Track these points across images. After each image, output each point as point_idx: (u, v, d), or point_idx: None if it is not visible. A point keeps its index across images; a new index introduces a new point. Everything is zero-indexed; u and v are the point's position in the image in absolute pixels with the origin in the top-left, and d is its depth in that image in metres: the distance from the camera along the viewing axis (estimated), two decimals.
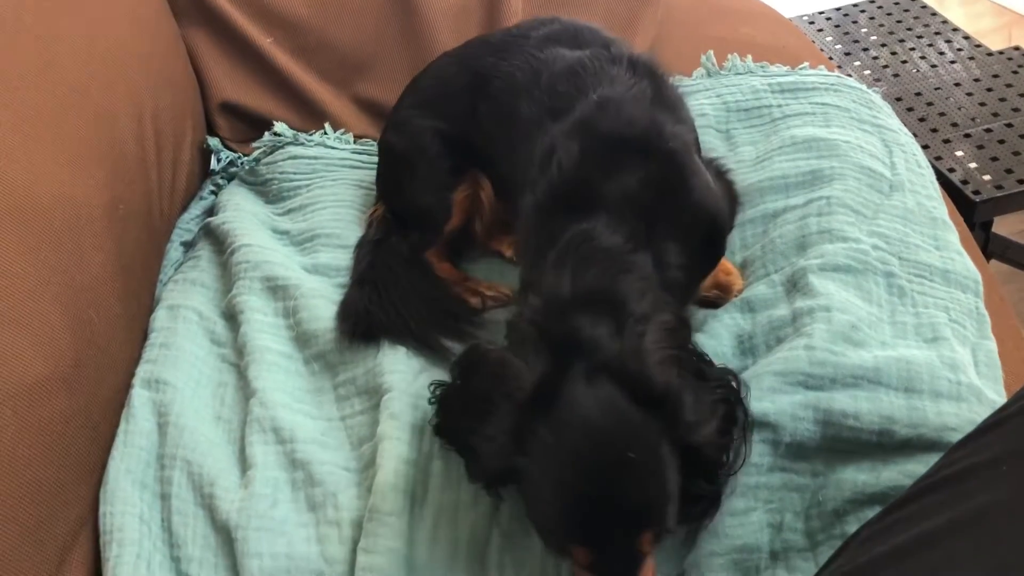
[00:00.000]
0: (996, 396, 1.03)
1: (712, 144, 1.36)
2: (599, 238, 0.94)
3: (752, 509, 0.94)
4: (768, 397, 0.97)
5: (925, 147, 1.69)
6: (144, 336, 1.22)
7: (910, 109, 1.81)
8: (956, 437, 0.95)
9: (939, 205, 1.26)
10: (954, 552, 0.61)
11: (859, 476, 0.94)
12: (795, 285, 1.11)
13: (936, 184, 1.31)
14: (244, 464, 1.05)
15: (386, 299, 1.17)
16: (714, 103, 1.41)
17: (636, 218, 0.97)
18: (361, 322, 1.15)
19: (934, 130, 1.75)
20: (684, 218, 1.01)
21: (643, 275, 0.94)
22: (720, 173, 1.18)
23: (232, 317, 1.22)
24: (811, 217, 1.17)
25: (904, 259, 1.14)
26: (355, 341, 1.14)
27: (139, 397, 1.12)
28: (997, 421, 0.71)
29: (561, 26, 1.23)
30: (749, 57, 1.52)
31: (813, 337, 1.02)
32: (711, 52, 1.52)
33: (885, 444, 0.95)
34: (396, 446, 1.00)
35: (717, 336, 1.09)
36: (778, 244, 1.17)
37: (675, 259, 0.98)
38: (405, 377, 1.08)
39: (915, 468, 0.93)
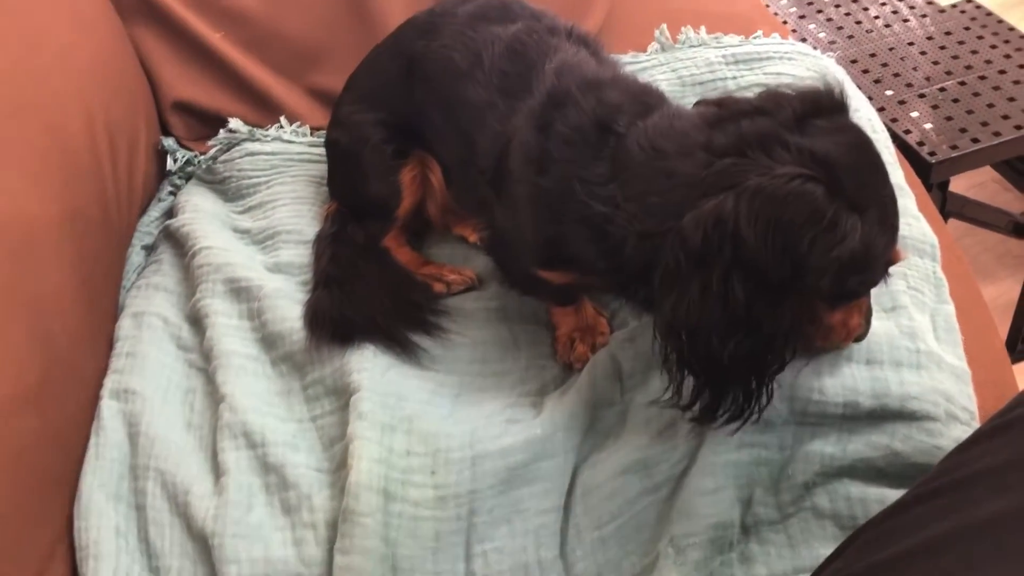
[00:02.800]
0: (956, 360, 1.05)
1: None
2: (658, 121, 0.94)
3: (723, 487, 0.95)
4: None
5: (881, 109, 1.70)
6: (110, 345, 1.21)
7: (865, 71, 1.81)
8: (918, 405, 0.97)
9: (895, 170, 1.27)
10: (971, 555, 0.60)
11: (826, 448, 0.96)
12: None
13: (892, 148, 1.32)
14: (217, 471, 1.05)
15: (353, 297, 1.17)
16: (670, 78, 1.41)
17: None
18: (336, 327, 1.15)
19: (889, 92, 1.76)
20: None
21: None
22: None
23: (197, 321, 1.22)
24: None
25: None
26: (330, 346, 1.14)
27: (108, 408, 1.12)
28: (1001, 425, 0.70)
29: (485, 0, 1.21)
30: (703, 28, 1.52)
31: None
32: (664, 26, 1.51)
33: (849, 416, 0.97)
34: (366, 445, 1.00)
35: None
36: None
37: None
38: (372, 375, 1.08)
39: (880, 439, 0.96)
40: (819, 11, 2.01)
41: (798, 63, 1.41)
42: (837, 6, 2.02)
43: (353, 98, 1.29)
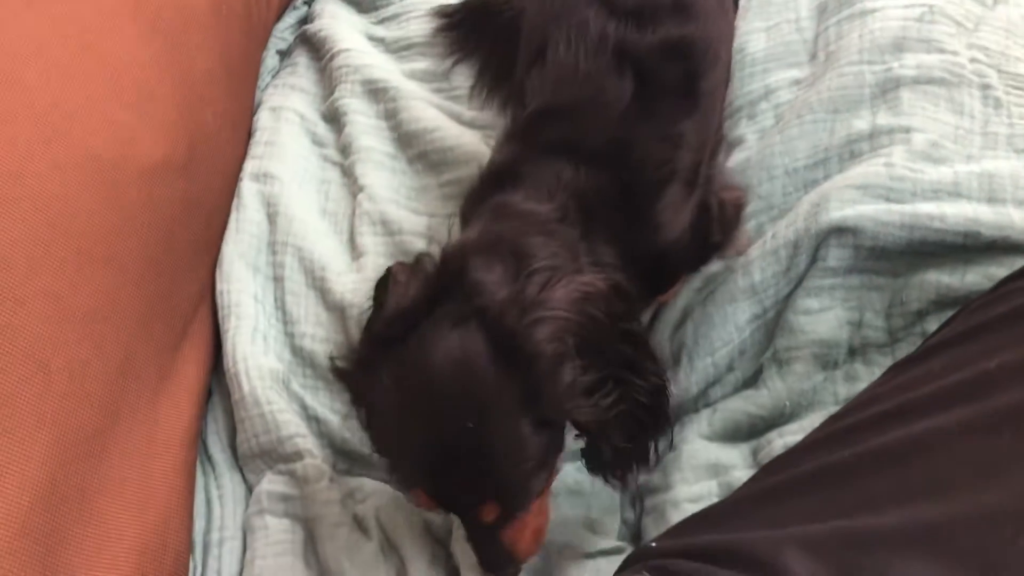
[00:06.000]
0: None
1: None
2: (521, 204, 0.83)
3: (828, 308, 0.96)
4: (849, 206, 0.98)
5: None
6: (248, 135, 1.27)
7: None
8: None
9: None
10: None
11: (942, 278, 0.95)
12: (884, 93, 1.09)
13: None
14: (352, 253, 1.12)
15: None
16: None
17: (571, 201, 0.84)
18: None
19: None
20: (628, 237, 0.86)
21: (566, 242, 0.81)
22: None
23: (334, 119, 1.26)
24: (911, 21, 1.13)
25: (1003, 71, 1.11)
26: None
27: (248, 189, 1.18)
28: None
29: None
30: None
31: (892, 156, 1.02)
32: None
33: (969, 246, 0.96)
34: None
35: (791, 145, 1.09)
36: (878, 36, 1.13)
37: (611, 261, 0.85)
38: None
39: (998, 271, 0.93)
40: None
41: None
42: None
43: None
